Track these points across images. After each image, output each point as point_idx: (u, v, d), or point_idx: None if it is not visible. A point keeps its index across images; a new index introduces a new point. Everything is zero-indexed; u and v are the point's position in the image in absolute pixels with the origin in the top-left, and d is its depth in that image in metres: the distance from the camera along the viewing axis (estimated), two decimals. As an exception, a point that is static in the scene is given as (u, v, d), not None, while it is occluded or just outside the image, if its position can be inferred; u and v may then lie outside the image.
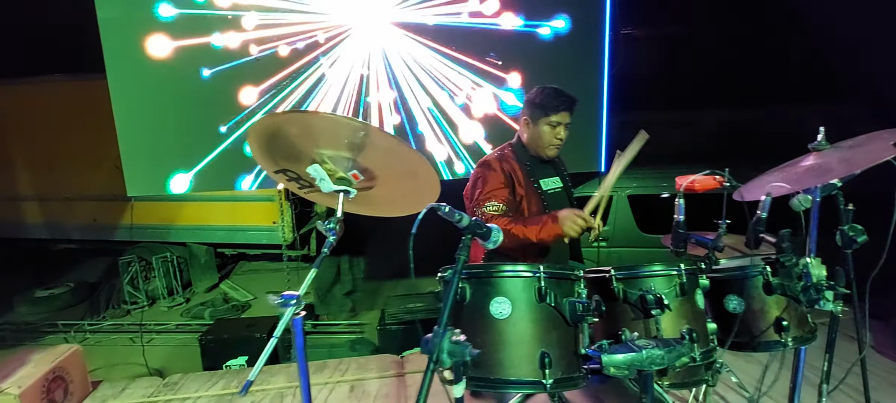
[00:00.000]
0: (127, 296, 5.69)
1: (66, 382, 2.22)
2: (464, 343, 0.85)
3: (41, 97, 5.54)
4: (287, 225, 5.58)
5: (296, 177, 1.17)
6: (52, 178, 5.69)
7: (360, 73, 2.71)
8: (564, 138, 1.77)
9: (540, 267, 1.07)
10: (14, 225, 5.99)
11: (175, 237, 5.82)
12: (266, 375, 2.53)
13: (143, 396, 2.36)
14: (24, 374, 2.05)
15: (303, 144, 1.07)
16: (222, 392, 2.37)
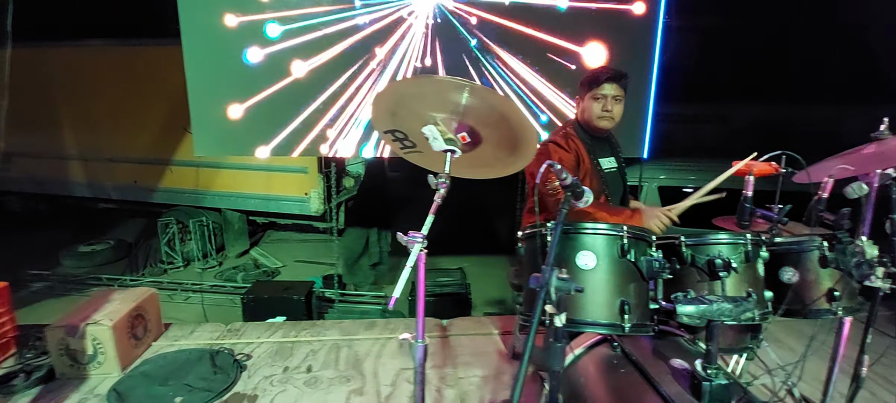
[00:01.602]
0: (164, 256, 5.96)
1: (146, 320, 2.43)
2: (569, 280, 0.99)
3: (88, 61, 5.73)
4: (318, 197, 5.76)
5: (403, 136, 1.31)
6: (96, 139, 5.91)
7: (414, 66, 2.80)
8: (616, 112, 1.83)
9: (623, 227, 1.21)
10: (60, 183, 6.25)
11: (210, 202, 6.04)
12: (320, 329, 2.71)
13: (209, 338, 2.56)
14: (112, 310, 2.25)
15: (419, 106, 1.20)
16: (282, 340, 2.56)
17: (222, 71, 2.70)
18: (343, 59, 2.79)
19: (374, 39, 2.79)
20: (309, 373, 2.28)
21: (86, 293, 5.23)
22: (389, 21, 2.78)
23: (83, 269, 5.76)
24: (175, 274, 5.88)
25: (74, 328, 2.12)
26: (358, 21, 2.74)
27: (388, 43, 2.82)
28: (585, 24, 2.69)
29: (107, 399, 2.05)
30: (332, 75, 2.80)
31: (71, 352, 2.16)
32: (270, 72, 2.74)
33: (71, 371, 2.18)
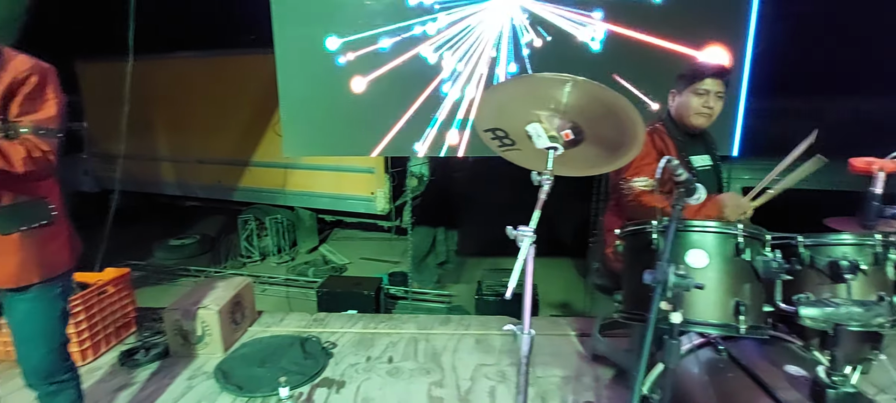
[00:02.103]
0: (243, 250, 6.42)
1: (243, 307, 2.64)
2: (687, 277, 0.98)
3: (180, 72, 6.29)
4: (384, 197, 5.95)
5: (503, 135, 1.34)
6: (186, 143, 6.47)
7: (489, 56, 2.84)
8: (716, 109, 1.77)
9: (738, 225, 1.17)
10: (153, 182, 6.89)
11: (285, 201, 6.42)
12: (397, 322, 2.81)
13: (298, 326, 2.74)
14: (217, 296, 2.48)
15: (523, 104, 1.23)
16: (363, 331, 2.68)
17: (311, 77, 2.88)
18: (423, 61, 2.88)
19: (454, 41, 2.86)
20: (390, 364, 2.38)
21: (176, 282, 5.75)
22: (471, 22, 2.83)
23: (173, 261, 6.32)
24: (252, 267, 6.32)
25: (189, 311, 2.35)
26: (441, 23, 2.82)
27: (468, 44, 2.88)
28: (677, 15, 2.59)
29: (213, 375, 2.26)
30: (413, 79, 2.90)
31: (183, 333, 2.40)
32: (355, 76, 2.89)
33: (182, 350, 2.42)
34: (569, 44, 2.77)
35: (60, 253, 1.49)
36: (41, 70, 1.34)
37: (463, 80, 2.93)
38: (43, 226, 1.43)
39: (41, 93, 1.34)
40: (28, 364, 1.49)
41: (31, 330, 1.46)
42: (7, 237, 1.35)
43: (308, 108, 2.94)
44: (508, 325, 1.28)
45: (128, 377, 2.27)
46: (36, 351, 1.48)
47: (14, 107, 1.30)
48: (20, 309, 1.44)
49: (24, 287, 1.40)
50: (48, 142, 1.34)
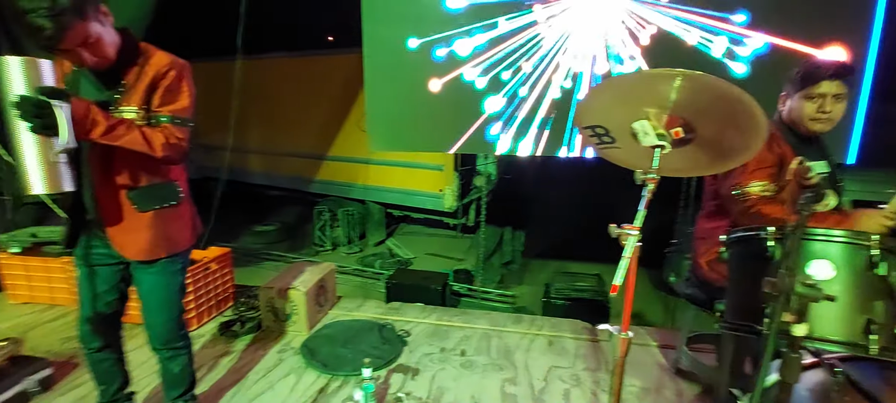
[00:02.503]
0: (317, 239, 6.79)
1: (326, 290, 2.81)
2: (817, 287, 0.91)
3: (269, 70, 6.78)
4: (452, 194, 6.03)
5: (603, 132, 1.32)
6: (273, 137, 6.97)
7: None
8: (836, 113, 1.59)
9: (872, 237, 1.07)
10: (242, 172, 7.49)
11: (357, 194, 6.71)
12: (470, 317, 2.85)
13: (374, 313, 2.87)
14: (305, 279, 2.66)
15: (629, 101, 1.21)
16: (437, 322, 2.75)
17: (395, 76, 3.01)
18: (502, 62, 2.90)
19: (534, 42, 2.85)
20: (463, 357, 2.42)
21: (260, 265, 6.22)
22: (555, 23, 2.81)
23: (256, 246, 6.83)
24: (324, 255, 6.66)
25: (281, 290, 2.54)
26: (528, 18, 2.82)
27: (549, 46, 2.86)
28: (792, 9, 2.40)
29: (300, 351, 2.42)
30: (490, 78, 2.93)
31: (275, 310, 2.60)
32: (434, 75, 2.97)
33: (273, 325, 2.63)
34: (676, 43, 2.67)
35: (184, 231, 1.67)
36: (178, 65, 1.51)
37: (543, 81, 2.91)
38: (172, 207, 1.60)
39: (178, 86, 1.51)
40: (152, 331, 1.68)
41: (156, 300, 1.64)
42: (141, 214, 1.52)
43: (392, 106, 3.06)
44: (605, 325, 1.26)
45: (227, 346, 2.51)
46: (159, 319, 1.66)
47: (155, 99, 1.47)
48: (148, 281, 1.62)
49: (152, 260, 1.58)
50: (183, 129, 1.50)
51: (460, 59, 2.92)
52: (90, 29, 1.30)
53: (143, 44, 1.50)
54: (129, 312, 1.72)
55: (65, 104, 1.23)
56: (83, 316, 1.64)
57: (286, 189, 7.39)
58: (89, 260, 1.60)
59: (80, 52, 1.31)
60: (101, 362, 1.71)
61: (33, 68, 1.20)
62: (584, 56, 2.83)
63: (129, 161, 1.46)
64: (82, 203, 1.51)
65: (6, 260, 2.88)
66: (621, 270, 1.05)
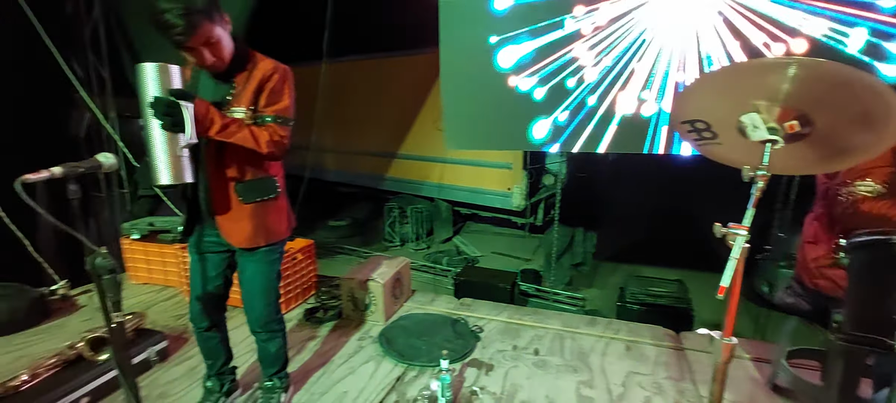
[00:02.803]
0: (386, 235, 7.04)
1: (402, 284, 2.92)
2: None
3: (342, 73, 7.12)
4: (520, 193, 5.97)
5: (704, 127, 1.25)
6: (345, 135, 7.32)
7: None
8: None
9: None
10: (318, 169, 7.93)
11: (426, 192, 6.85)
12: (542, 316, 2.82)
13: (447, 307, 2.92)
14: (383, 272, 2.78)
15: (734, 93, 1.13)
16: (508, 320, 2.75)
17: (471, 74, 3.04)
18: (578, 59, 2.83)
19: (613, 37, 2.75)
20: (537, 356, 2.40)
21: (333, 258, 6.57)
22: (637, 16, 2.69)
23: (330, 240, 7.21)
24: (393, 250, 6.88)
25: (361, 282, 2.68)
26: (601, 18, 2.74)
27: (629, 42, 2.74)
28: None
29: (378, 340, 2.53)
30: (566, 75, 2.87)
31: (355, 300, 2.74)
32: (512, 73, 2.96)
33: (353, 315, 2.77)
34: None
35: (281, 223, 1.81)
36: (282, 70, 1.65)
37: (621, 79, 2.80)
38: (271, 200, 1.75)
39: (281, 89, 1.65)
40: (252, 314, 1.84)
41: (256, 286, 1.79)
42: (245, 205, 1.68)
43: (468, 105, 3.10)
44: (704, 329, 1.19)
45: (312, 331, 2.68)
46: (258, 303, 1.82)
47: (261, 100, 1.62)
48: (249, 268, 1.77)
49: (253, 248, 1.73)
50: (285, 128, 1.64)
51: (527, 58, 2.90)
52: (214, 31, 1.47)
53: (251, 51, 1.66)
54: (231, 296, 1.90)
55: (190, 104, 1.39)
56: (194, 298, 1.83)
57: (358, 186, 7.72)
58: (201, 247, 1.79)
59: (203, 51, 1.48)
60: (208, 340, 1.91)
61: (165, 73, 1.37)
62: (670, 50, 2.68)
63: (238, 156, 1.62)
64: (197, 197, 1.69)
65: (128, 246, 3.30)
66: (729, 271, 0.99)
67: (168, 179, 1.42)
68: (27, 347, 2.54)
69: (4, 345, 2.54)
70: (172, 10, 1.36)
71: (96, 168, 1.41)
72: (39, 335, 2.66)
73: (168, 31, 1.39)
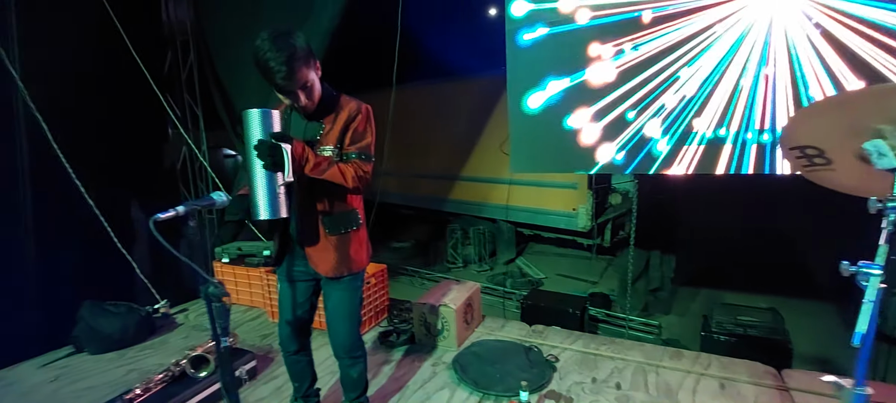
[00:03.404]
0: (449, 256, 7.08)
1: (473, 309, 2.91)
2: None
3: (403, 99, 7.34)
4: (586, 213, 5.79)
5: (816, 153, 1.15)
6: (407, 159, 7.52)
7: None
8: None
9: None
10: (382, 192, 8.18)
11: (488, 213, 6.83)
12: (620, 347, 2.68)
13: (518, 334, 2.87)
14: (455, 297, 2.79)
15: (855, 118, 1.04)
16: (584, 350, 2.64)
17: (538, 99, 3.04)
18: (651, 79, 2.73)
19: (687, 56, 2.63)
20: (619, 390, 2.28)
21: (396, 279, 6.70)
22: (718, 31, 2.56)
23: (393, 261, 7.37)
24: (456, 272, 6.90)
25: (434, 307, 2.71)
26: (677, 36, 2.63)
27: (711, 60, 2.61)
28: None
29: (451, 366, 2.53)
30: (637, 94, 2.78)
31: (427, 324, 2.77)
32: (577, 98, 2.92)
33: (425, 339, 2.80)
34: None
35: (361, 252, 1.89)
36: (364, 109, 1.75)
37: (702, 97, 2.65)
38: (353, 231, 1.83)
39: (364, 128, 1.74)
40: (336, 340, 1.91)
41: (341, 313, 1.87)
42: (330, 237, 1.77)
43: (535, 127, 3.08)
44: (830, 376, 1.08)
45: (386, 354, 2.74)
46: (342, 329, 1.89)
47: (347, 139, 1.72)
48: (335, 296, 1.85)
49: (338, 277, 1.81)
50: (368, 164, 1.73)
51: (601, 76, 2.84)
52: (310, 76, 1.61)
53: (338, 93, 1.77)
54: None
55: (288, 145, 1.50)
56: (284, 322, 1.94)
57: (420, 208, 7.87)
58: (290, 275, 1.90)
59: (299, 94, 1.62)
60: (296, 363, 2.01)
61: (268, 118, 1.50)
62: (755, 66, 2.51)
63: (325, 191, 1.72)
64: (288, 229, 1.81)
65: (218, 267, 3.58)
66: (864, 316, 0.89)
67: (267, 214, 1.53)
68: (136, 361, 2.81)
69: (117, 359, 2.83)
70: (277, 57, 1.50)
71: (212, 205, 1.56)
72: (146, 350, 2.93)
73: (272, 75, 1.54)
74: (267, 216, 1.54)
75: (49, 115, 3.07)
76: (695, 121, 2.68)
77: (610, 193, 6.18)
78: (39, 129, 3.03)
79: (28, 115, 3.02)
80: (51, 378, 2.65)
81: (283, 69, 1.51)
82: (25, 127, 3.05)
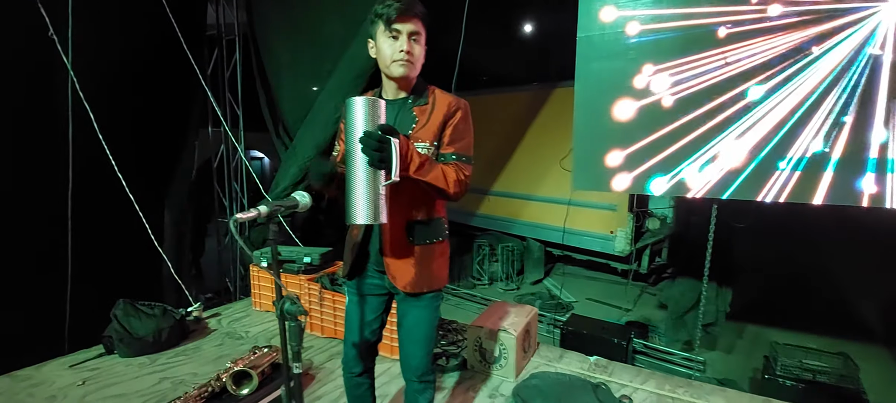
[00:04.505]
0: (475, 272, 6.87)
1: (531, 336, 2.70)
2: None
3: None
4: (625, 237, 5.57)
5: None
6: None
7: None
8: None
9: None
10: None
11: (518, 231, 6.64)
12: (698, 390, 2.45)
13: (578, 367, 2.65)
14: (513, 322, 2.59)
15: None
16: (658, 391, 2.41)
17: (607, 112, 2.86)
18: (729, 98, 2.55)
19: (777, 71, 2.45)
20: (704, 441, 2.05)
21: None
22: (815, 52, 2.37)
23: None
24: (481, 289, 6.69)
25: (492, 332, 2.50)
26: (759, 52, 2.45)
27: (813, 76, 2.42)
28: None
29: (512, 400, 2.32)
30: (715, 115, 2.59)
31: (482, 350, 2.56)
32: (648, 117, 2.74)
33: (479, 366, 2.59)
34: None
35: (444, 268, 1.70)
36: (464, 105, 1.55)
37: (793, 119, 2.46)
38: (438, 243, 1.64)
39: (464, 126, 1.54)
40: (410, 362, 1.69)
41: (418, 333, 1.66)
42: (414, 247, 1.57)
43: (602, 144, 2.90)
44: None
45: (437, 379, 2.53)
46: (417, 352, 1.68)
47: (445, 138, 1.51)
48: (413, 314, 1.65)
49: (418, 294, 1.61)
50: (469, 167, 1.53)
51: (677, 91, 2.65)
52: (422, 29, 1.48)
53: (432, 87, 1.59)
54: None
55: (397, 140, 1.30)
56: (350, 342, 1.75)
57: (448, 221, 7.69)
58: (362, 289, 1.71)
59: (406, 39, 1.44)
60: (358, 386, 1.81)
61: (375, 108, 1.29)
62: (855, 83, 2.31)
63: (415, 195, 1.53)
64: (368, 236, 1.62)
65: (256, 273, 3.42)
66: None
67: (365, 218, 1.32)
68: (169, 368, 2.63)
69: (149, 365, 2.66)
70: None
71: (294, 207, 1.39)
72: (179, 356, 2.76)
73: (389, 5, 1.42)
74: (365, 220, 1.32)
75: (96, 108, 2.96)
76: (787, 144, 2.48)
77: (647, 217, 5.95)
78: (86, 122, 2.92)
79: (76, 106, 2.92)
80: (79, 381, 2.48)
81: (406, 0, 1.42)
82: (74, 118, 2.95)
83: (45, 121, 2.96)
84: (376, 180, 1.31)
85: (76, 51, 2.91)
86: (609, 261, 6.14)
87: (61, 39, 2.85)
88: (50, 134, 2.95)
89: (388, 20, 1.43)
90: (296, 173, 3.95)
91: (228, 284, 4.88)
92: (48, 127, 2.96)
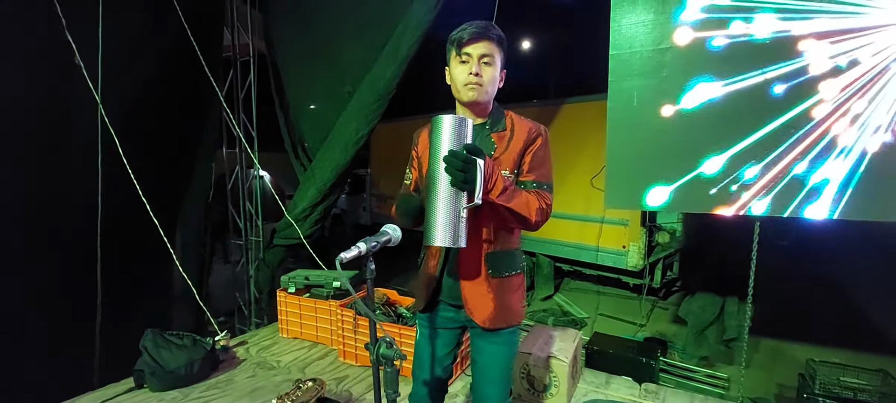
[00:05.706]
0: (484, 289, 6.81)
1: (578, 362, 2.66)
2: None
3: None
4: (638, 252, 5.58)
5: None
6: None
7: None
8: None
9: None
10: (413, 218, 8.01)
11: (527, 246, 6.60)
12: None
13: (628, 393, 2.61)
14: (562, 347, 2.54)
15: None
16: (712, 417, 2.39)
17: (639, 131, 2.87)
18: (770, 113, 2.58)
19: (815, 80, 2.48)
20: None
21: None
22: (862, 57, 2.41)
23: (423, 290, 7.10)
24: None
25: (540, 358, 2.45)
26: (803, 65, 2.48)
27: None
28: None
29: (568, 430, 2.27)
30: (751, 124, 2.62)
31: (530, 378, 2.51)
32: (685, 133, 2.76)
33: (527, 395, 2.53)
34: None
35: (520, 302, 1.62)
36: (544, 131, 1.52)
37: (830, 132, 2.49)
38: (515, 275, 1.58)
39: (544, 153, 1.50)
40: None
41: (495, 372, 1.58)
42: (491, 279, 1.51)
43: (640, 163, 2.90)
44: None
45: (484, 409, 2.46)
46: (493, 392, 1.58)
47: (525, 165, 1.47)
48: (490, 351, 1.57)
49: (497, 329, 1.54)
50: (551, 196, 1.48)
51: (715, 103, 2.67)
52: (496, 53, 1.44)
53: (508, 112, 1.55)
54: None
55: (482, 161, 1.25)
56: (420, 380, 1.67)
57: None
58: (435, 322, 1.65)
59: (477, 63, 1.41)
60: (425, 428, 1.74)
61: (463, 127, 1.25)
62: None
63: (495, 224, 1.48)
64: (444, 264, 1.56)
65: (283, 298, 3.32)
66: None
67: (444, 241, 1.26)
68: (203, 403, 2.52)
69: (182, 400, 2.54)
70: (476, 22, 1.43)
71: (387, 241, 1.34)
72: (212, 390, 2.65)
73: (462, 29, 1.42)
74: (444, 243, 1.26)
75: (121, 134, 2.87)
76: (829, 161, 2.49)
77: (656, 232, 5.98)
78: (110, 150, 2.83)
79: (103, 133, 2.83)
80: (111, 419, 2.36)
81: (480, 24, 1.42)
82: (102, 145, 2.86)
83: (70, 149, 2.86)
84: (458, 202, 1.25)
85: (101, 79, 2.84)
86: (621, 276, 6.14)
87: (88, 67, 2.76)
88: (75, 161, 2.85)
89: (459, 44, 1.42)
90: (314, 194, 3.88)
91: (243, 308, 4.75)
92: (74, 155, 2.86)
